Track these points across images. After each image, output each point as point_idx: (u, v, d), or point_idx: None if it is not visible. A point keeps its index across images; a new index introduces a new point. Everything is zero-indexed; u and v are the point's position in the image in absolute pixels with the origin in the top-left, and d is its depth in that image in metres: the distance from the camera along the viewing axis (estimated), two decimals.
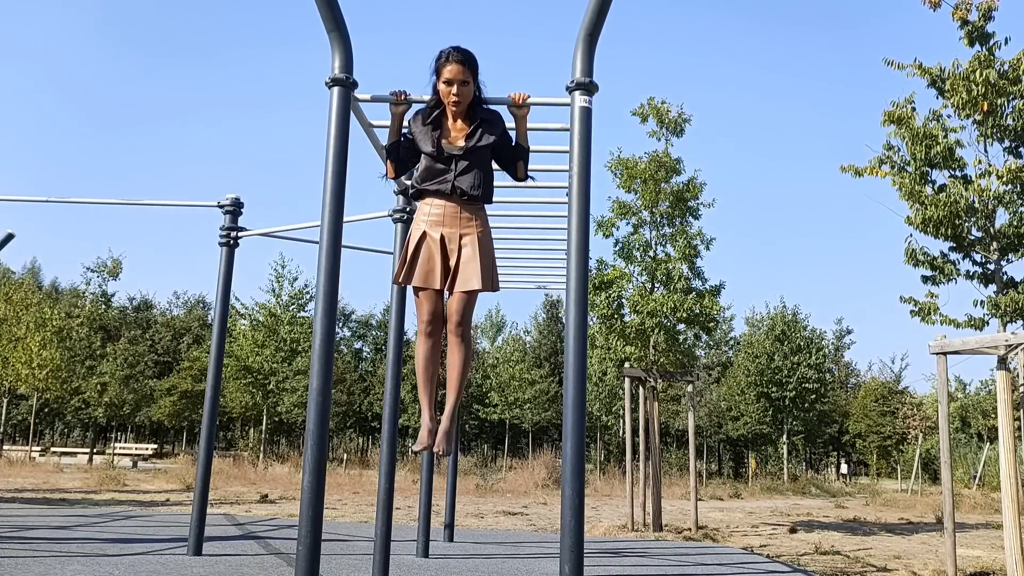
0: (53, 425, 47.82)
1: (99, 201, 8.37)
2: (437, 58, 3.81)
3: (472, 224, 3.82)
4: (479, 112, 3.89)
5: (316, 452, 3.68)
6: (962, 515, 17.63)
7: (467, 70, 3.77)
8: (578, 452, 3.59)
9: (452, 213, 3.81)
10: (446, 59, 3.77)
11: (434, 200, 3.84)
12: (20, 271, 44.49)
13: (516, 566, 6.82)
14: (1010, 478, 7.59)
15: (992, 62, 8.67)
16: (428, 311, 3.80)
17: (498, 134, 3.89)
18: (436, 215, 3.82)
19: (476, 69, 3.83)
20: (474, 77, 3.82)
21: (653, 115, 13.56)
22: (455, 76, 3.76)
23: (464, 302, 3.75)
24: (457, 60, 3.76)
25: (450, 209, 3.82)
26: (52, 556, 5.98)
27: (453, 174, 3.79)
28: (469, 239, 3.79)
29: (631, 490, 12.87)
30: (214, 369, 6.81)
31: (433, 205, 3.84)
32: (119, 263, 34.16)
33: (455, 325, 3.76)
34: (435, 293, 3.80)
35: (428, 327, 3.81)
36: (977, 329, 8.77)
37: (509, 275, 8.33)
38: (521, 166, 3.93)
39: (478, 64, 3.84)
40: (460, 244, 3.79)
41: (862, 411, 41.08)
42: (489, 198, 3.91)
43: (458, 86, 3.77)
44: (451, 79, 3.76)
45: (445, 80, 3.78)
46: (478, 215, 3.86)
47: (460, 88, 3.78)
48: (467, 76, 3.78)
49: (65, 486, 17.36)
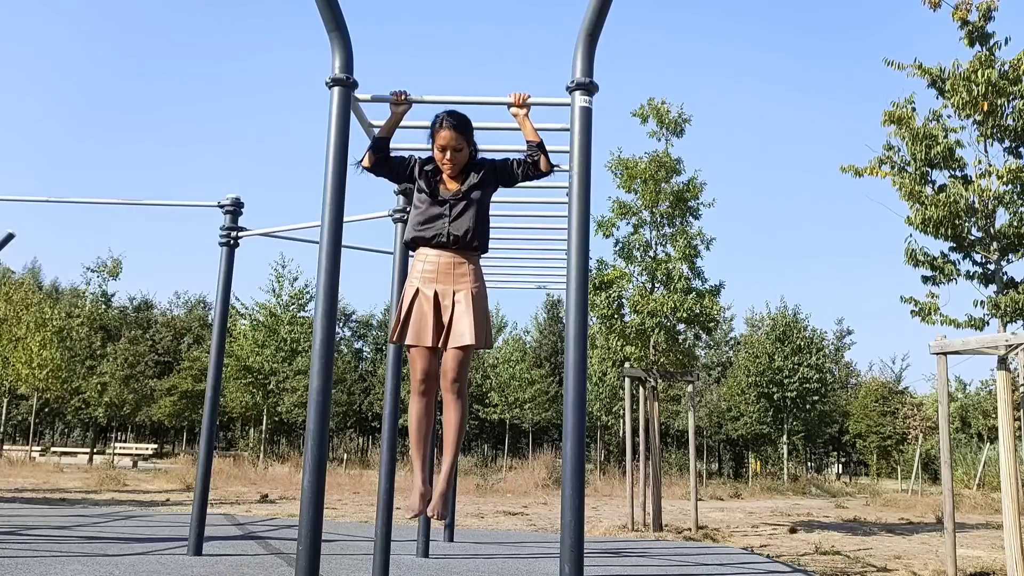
0: (53, 425, 47.81)
1: (99, 201, 8.39)
2: (432, 123, 3.86)
3: (466, 280, 3.79)
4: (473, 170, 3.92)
5: (316, 452, 3.68)
6: (962, 515, 17.62)
7: (460, 136, 3.81)
8: (578, 452, 3.59)
9: (446, 267, 3.79)
10: (440, 125, 3.82)
11: (428, 252, 3.82)
12: (20, 271, 44.47)
13: (516, 566, 6.82)
14: (1010, 478, 7.58)
15: (992, 62, 8.67)
16: (421, 370, 3.76)
17: (489, 169, 3.91)
18: (430, 271, 3.80)
19: (470, 133, 3.87)
20: (468, 141, 3.86)
21: (653, 115, 13.56)
22: (448, 144, 3.81)
23: (458, 359, 3.71)
24: (450, 127, 3.80)
25: (444, 261, 3.79)
26: (52, 556, 5.99)
27: (448, 220, 3.79)
28: (463, 295, 3.76)
29: (631, 490, 12.87)
30: (214, 369, 6.81)
31: (427, 260, 3.82)
32: (119, 263, 34.15)
33: (450, 382, 3.72)
34: (428, 351, 3.75)
35: (421, 386, 3.77)
36: (977, 329, 8.77)
37: (509, 275, 8.33)
38: (543, 159, 3.89)
39: (471, 127, 3.88)
40: (454, 300, 3.75)
41: (862, 411, 41.07)
42: (484, 247, 3.89)
43: (451, 152, 3.82)
44: (444, 146, 3.81)
45: (439, 147, 3.83)
46: (472, 268, 3.83)
47: (453, 154, 3.82)
48: (460, 143, 3.81)
49: (65, 486, 17.36)
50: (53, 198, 7.59)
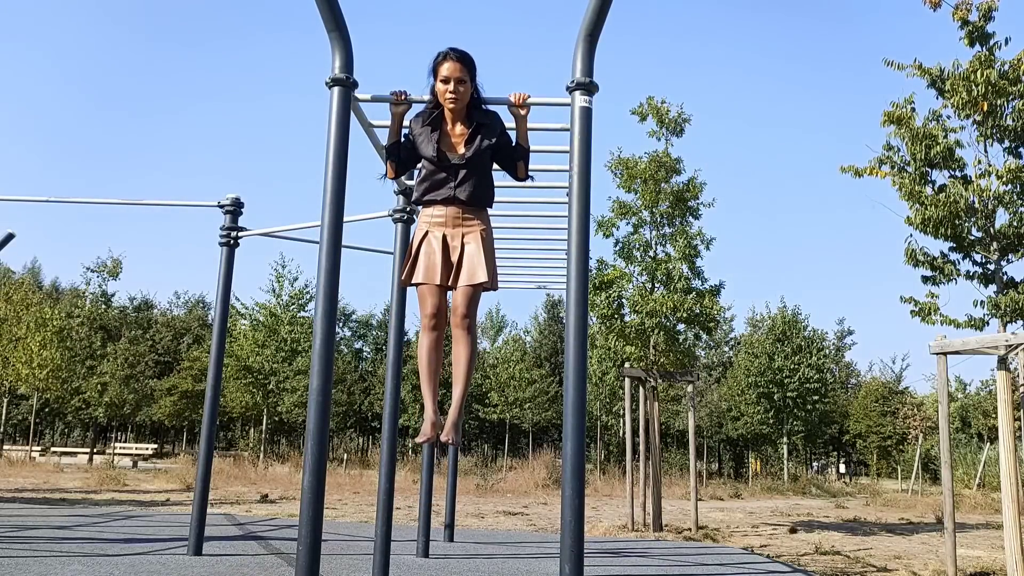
0: (53, 425, 47.81)
1: (99, 201, 8.37)
2: (435, 58, 3.81)
3: (474, 224, 3.87)
4: (476, 115, 3.89)
5: (316, 452, 3.68)
6: (962, 515, 17.62)
7: (464, 69, 3.77)
8: (578, 452, 3.59)
9: (454, 215, 3.86)
10: (443, 57, 3.78)
11: (436, 205, 3.89)
12: (20, 271, 44.48)
13: (516, 566, 6.82)
14: (1010, 478, 7.58)
15: (992, 62, 8.67)
16: (432, 304, 3.83)
17: (496, 135, 3.89)
18: (439, 217, 3.87)
19: (474, 69, 3.83)
20: (472, 77, 3.81)
21: (653, 115, 13.55)
22: (452, 74, 3.76)
23: (469, 295, 3.78)
24: (455, 58, 3.76)
25: (452, 212, 3.86)
26: (52, 556, 5.98)
27: (454, 185, 3.82)
28: (472, 236, 3.83)
29: (631, 490, 12.87)
30: (214, 369, 6.81)
31: (435, 209, 3.89)
32: (119, 263, 34.17)
33: (461, 318, 3.78)
34: (438, 289, 3.83)
35: (431, 321, 3.84)
36: (977, 329, 8.76)
37: (509, 275, 8.33)
38: (521, 166, 3.95)
39: (476, 65, 3.84)
40: (463, 241, 3.83)
41: (862, 411, 41.06)
42: (490, 203, 3.95)
43: (455, 84, 3.77)
44: (448, 76, 3.77)
45: (442, 78, 3.78)
46: (479, 216, 3.91)
47: (457, 86, 3.77)
48: (464, 75, 3.77)
49: (65, 486, 17.36)
50: (53, 198, 7.58)
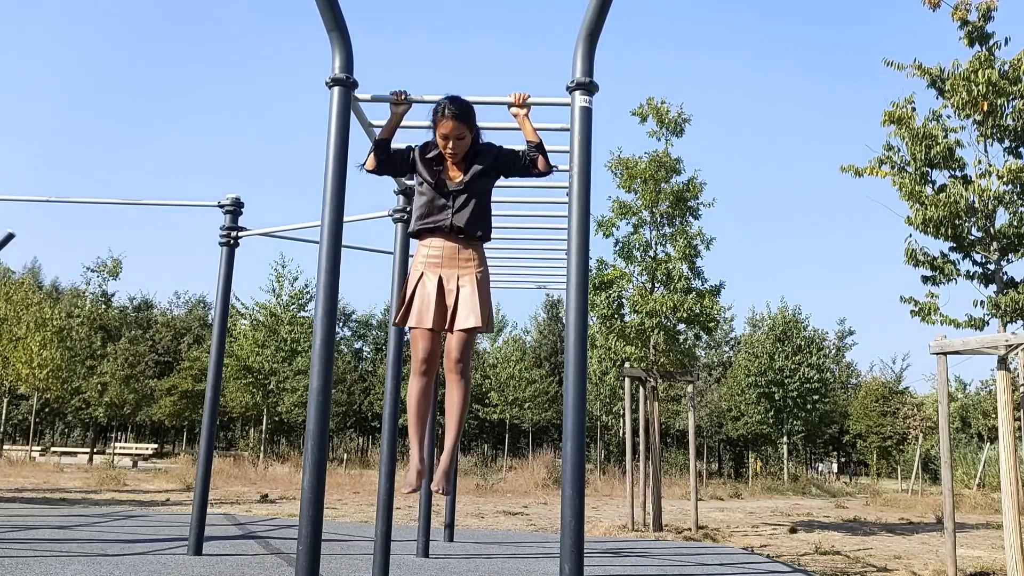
0: (53, 425, 47.80)
1: (99, 201, 8.38)
2: (434, 110, 3.81)
3: (471, 264, 3.80)
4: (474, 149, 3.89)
5: (316, 452, 3.68)
6: (962, 515, 17.62)
7: (462, 125, 3.77)
8: (578, 452, 3.59)
9: (451, 253, 3.80)
10: (441, 115, 3.77)
11: (433, 240, 3.82)
12: (20, 271, 44.43)
13: (516, 566, 6.82)
14: (1010, 478, 7.58)
15: (992, 62, 8.67)
16: (423, 349, 3.75)
17: (492, 156, 3.88)
18: (435, 256, 3.80)
19: (472, 121, 3.83)
20: (470, 129, 3.82)
21: (653, 115, 13.56)
22: (450, 133, 3.78)
23: (463, 340, 3.72)
24: (452, 116, 3.76)
25: (449, 249, 3.80)
26: (52, 556, 5.99)
27: (452, 211, 3.78)
28: (467, 279, 3.77)
29: (631, 490, 12.87)
30: (214, 369, 6.81)
31: (432, 246, 3.82)
32: (119, 263, 34.17)
33: (454, 363, 3.72)
34: (430, 332, 3.75)
35: (423, 366, 3.76)
36: (977, 329, 8.77)
37: (509, 275, 8.33)
38: (541, 159, 3.88)
39: (473, 113, 3.84)
40: (458, 284, 3.76)
41: (863, 411, 41.06)
42: (487, 236, 3.89)
43: (453, 142, 3.79)
44: (447, 135, 3.79)
45: (441, 135, 3.80)
46: (477, 254, 3.84)
47: (456, 143, 3.80)
48: (462, 132, 3.78)
49: (65, 486, 17.36)
50: (53, 198, 7.58)
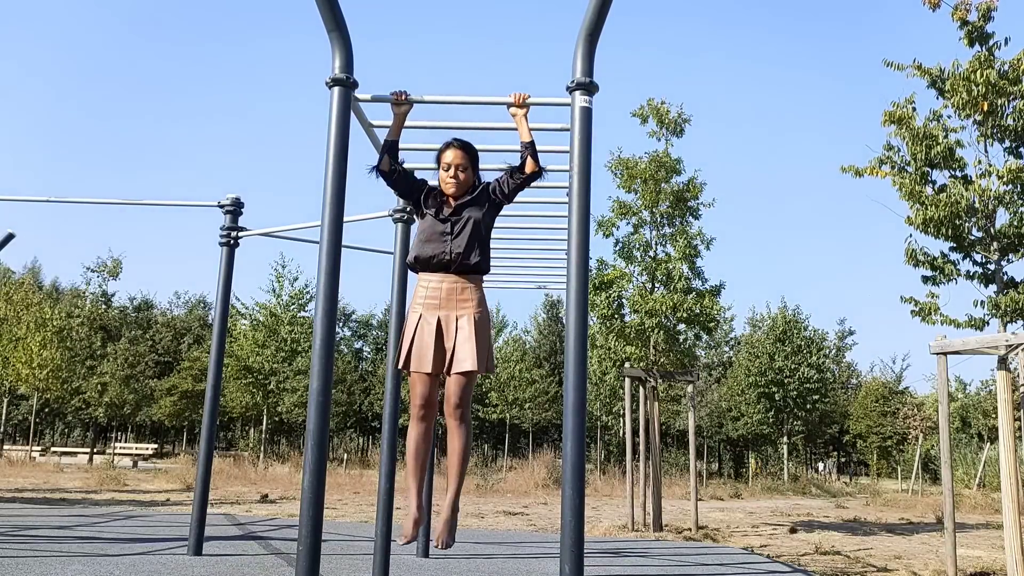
0: (53, 425, 47.80)
1: (99, 201, 8.38)
2: (442, 145, 3.88)
3: (468, 305, 3.78)
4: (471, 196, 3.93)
5: (316, 452, 3.68)
6: (962, 515, 17.62)
7: (467, 157, 3.83)
8: (578, 452, 3.59)
9: (449, 291, 3.78)
10: (447, 146, 3.85)
11: (431, 278, 3.80)
12: (20, 271, 44.43)
13: (516, 566, 6.82)
14: (1010, 478, 7.58)
15: (992, 62, 8.67)
16: (421, 395, 3.74)
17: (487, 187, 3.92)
18: (433, 296, 3.78)
19: (476, 160, 3.89)
20: (473, 166, 3.87)
21: (653, 115, 13.56)
22: (454, 161, 3.82)
23: (461, 384, 3.70)
24: (459, 147, 3.84)
25: (447, 286, 3.78)
26: (53, 556, 5.99)
27: (450, 238, 3.78)
28: (466, 320, 3.75)
29: (631, 490, 12.87)
30: (214, 369, 6.81)
31: (430, 285, 3.80)
32: (119, 263, 34.23)
33: (453, 407, 3.70)
34: (428, 377, 3.74)
35: (421, 411, 3.75)
36: (977, 329, 8.77)
37: (509, 275, 8.33)
38: (530, 160, 3.87)
39: (478, 157, 3.90)
40: (456, 327, 3.74)
41: (863, 411, 41.05)
42: (486, 268, 3.88)
43: (455, 170, 3.82)
44: (450, 163, 3.82)
45: (444, 165, 3.83)
46: (475, 293, 3.82)
47: (458, 172, 3.82)
48: (466, 163, 3.83)
49: (65, 486, 17.36)
50: (53, 198, 7.58)
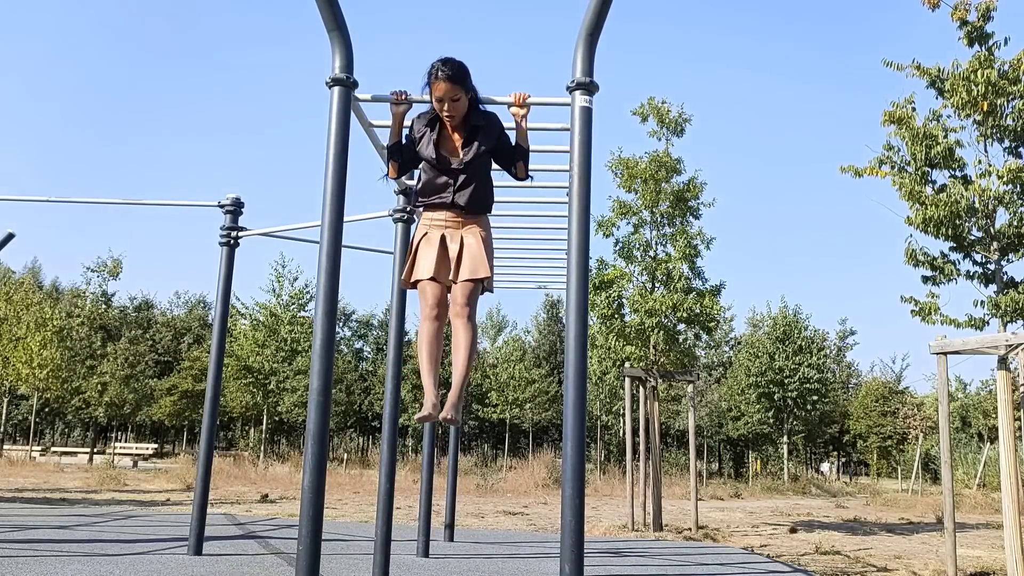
0: (53, 425, 47.81)
1: (99, 201, 8.38)
2: (428, 72, 3.80)
3: (473, 225, 3.93)
4: (474, 117, 3.90)
5: (316, 452, 3.68)
6: (962, 515, 17.62)
7: (456, 86, 3.77)
8: (578, 452, 3.59)
9: (454, 218, 3.93)
10: (434, 77, 3.77)
11: (436, 211, 3.95)
12: (21, 271, 44.46)
13: (516, 566, 6.82)
14: (1010, 478, 7.58)
15: (992, 62, 8.67)
16: (432, 295, 3.88)
17: (495, 137, 3.92)
18: (439, 220, 3.94)
19: (466, 80, 3.81)
20: (465, 89, 3.81)
21: (653, 115, 13.56)
22: (445, 95, 3.78)
23: (470, 289, 3.84)
24: (445, 78, 3.75)
25: (452, 216, 3.93)
26: (52, 556, 5.98)
27: (453, 189, 3.86)
28: (471, 236, 3.89)
29: (631, 490, 12.87)
30: (214, 369, 6.81)
31: (435, 213, 3.95)
32: (119, 263, 34.17)
33: (460, 307, 3.83)
34: (436, 282, 3.89)
35: (433, 311, 3.89)
36: (977, 329, 8.77)
37: (509, 275, 8.33)
38: (521, 166, 3.97)
39: (468, 73, 3.82)
40: (462, 242, 3.88)
41: (863, 411, 41.05)
42: (489, 208, 4.00)
43: (449, 103, 3.80)
44: (441, 97, 3.79)
45: (436, 99, 3.81)
46: (479, 221, 3.97)
47: (451, 104, 3.81)
48: (456, 92, 3.78)
49: (65, 486, 17.36)
50: (53, 198, 7.58)
